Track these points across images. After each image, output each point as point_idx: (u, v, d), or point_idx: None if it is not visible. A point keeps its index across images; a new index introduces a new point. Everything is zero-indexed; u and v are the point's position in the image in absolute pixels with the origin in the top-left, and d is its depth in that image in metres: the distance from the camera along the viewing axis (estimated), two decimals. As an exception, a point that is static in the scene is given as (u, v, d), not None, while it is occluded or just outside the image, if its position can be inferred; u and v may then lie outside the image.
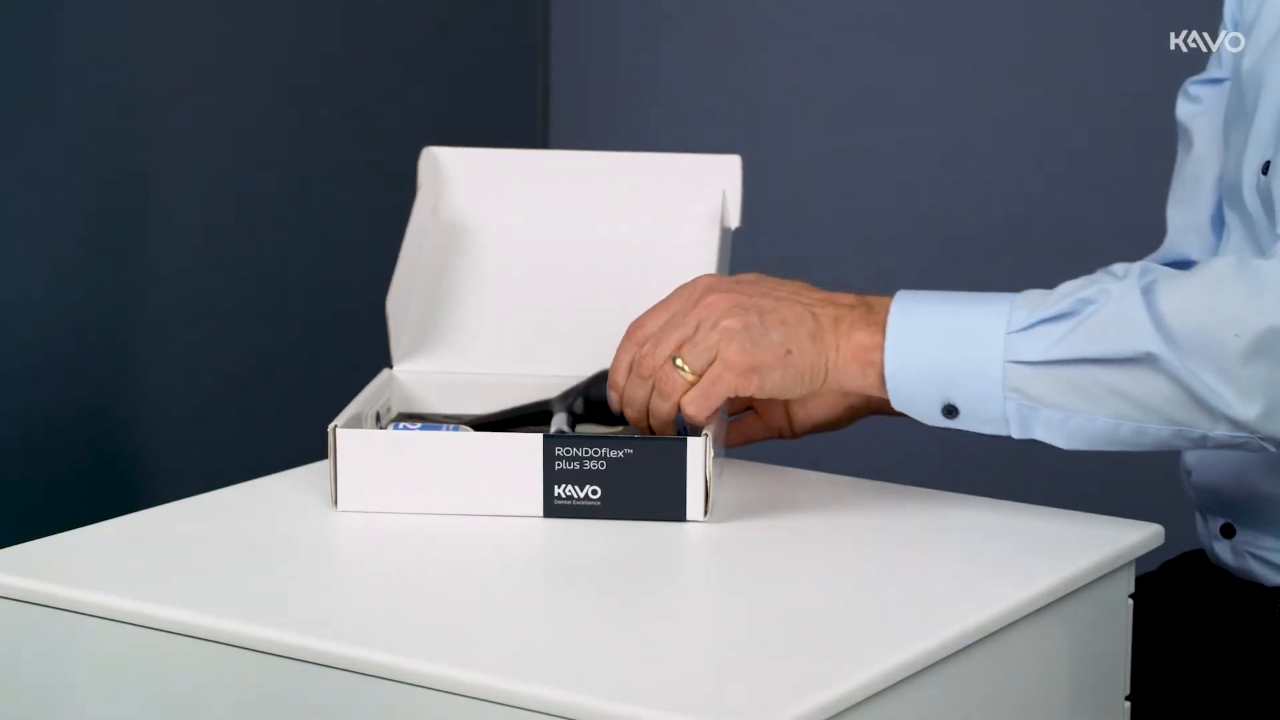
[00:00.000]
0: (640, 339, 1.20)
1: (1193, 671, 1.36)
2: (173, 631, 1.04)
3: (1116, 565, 1.16)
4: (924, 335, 1.17)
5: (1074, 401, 1.15)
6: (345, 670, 0.99)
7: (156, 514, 1.22)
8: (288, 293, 2.10)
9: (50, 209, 1.82)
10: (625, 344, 1.21)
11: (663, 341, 1.19)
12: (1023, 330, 1.15)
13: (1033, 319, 1.16)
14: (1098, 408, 1.15)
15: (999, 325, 1.16)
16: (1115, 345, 1.14)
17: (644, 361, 1.19)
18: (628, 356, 1.21)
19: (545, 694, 0.93)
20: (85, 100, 1.85)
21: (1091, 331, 1.15)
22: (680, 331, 1.18)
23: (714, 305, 1.18)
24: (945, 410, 1.17)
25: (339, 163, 2.17)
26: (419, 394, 1.39)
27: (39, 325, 1.82)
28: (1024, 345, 1.15)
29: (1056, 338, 1.15)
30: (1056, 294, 1.17)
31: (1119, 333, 1.14)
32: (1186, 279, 1.16)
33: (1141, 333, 1.14)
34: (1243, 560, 1.35)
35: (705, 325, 1.17)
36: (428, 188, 1.43)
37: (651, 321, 1.20)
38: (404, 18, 2.27)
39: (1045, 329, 1.15)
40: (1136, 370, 1.14)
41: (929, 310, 1.18)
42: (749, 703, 0.92)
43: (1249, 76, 1.32)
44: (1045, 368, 1.15)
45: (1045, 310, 1.16)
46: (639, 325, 1.21)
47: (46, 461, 1.84)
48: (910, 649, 1.00)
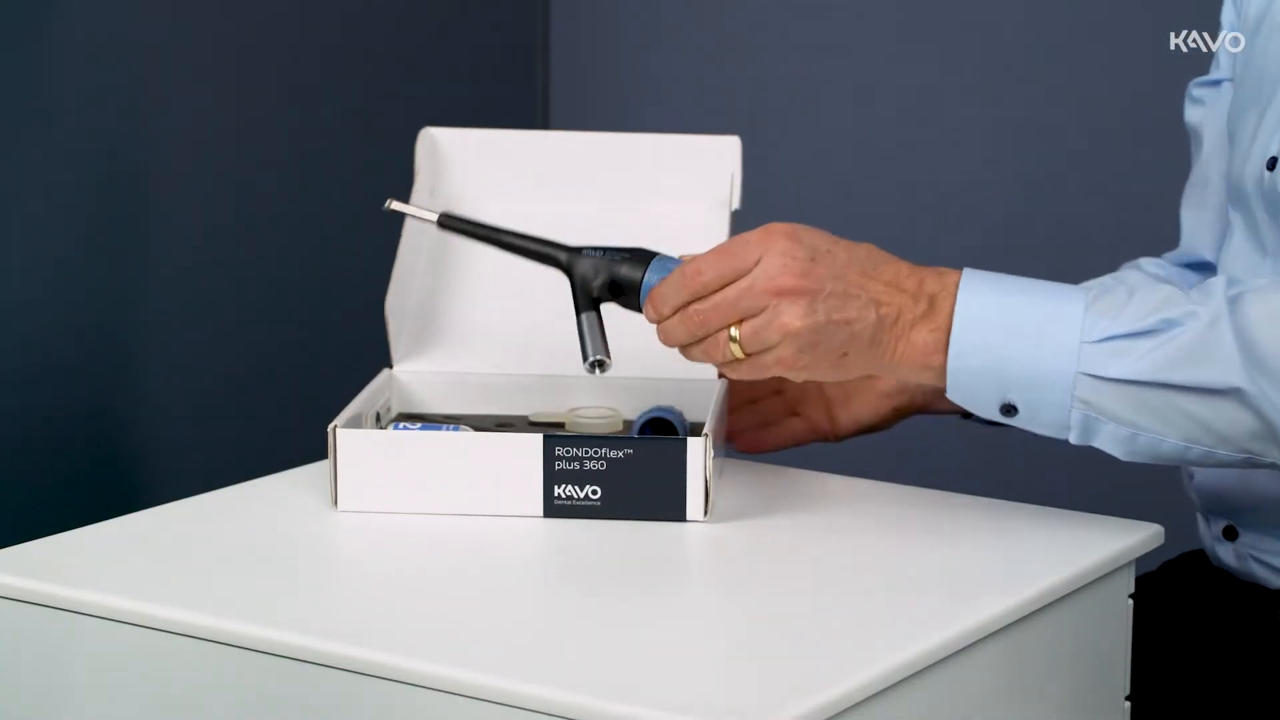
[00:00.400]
0: (696, 287, 1.13)
1: (1193, 672, 1.36)
2: (173, 631, 1.04)
3: (1116, 565, 1.16)
4: (990, 334, 1.12)
5: (1145, 420, 1.12)
6: (345, 670, 0.99)
7: (156, 514, 1.22)
8: (288, 293, 2.10)
9: (50, 209, 1.82)
10: (679, 284, 1.14)
11: (724, 311, 1.12)
12: (1100, 342, 1.11)
13: (1111, 331, 1.11)
14: (1170, 429, 1.12)
15: (1073, 331, 1.12)
16: (1200, 375, 1.11)
17: (696, 318, 1.13)
18: (678, 297, 1.14)
19: (545, 694, 0.93)
20: (85, 100, 1.85)
21: (1175, 356, 1.11)
22: (744, 307, 1.12)
23: (785, 294, 1.11)
24: (1004, 409, 1.14)
25: (339, 162, 2.17)
26: (419, 394, 1.39)
27: (39, 325, 1.82)
28: (1100, 359, 1.11)
29: (1137, 356, 1.11)
30: (1137, 305, 1.12)
31: (1206, 362, 1.11)
32: (1276, 303, 1.12)
33: (1229, 366, 1.10)
34: (1245, 563, 1.35)
35: (771, 316, 1.12)
36: (426, 172, 1.43)
37: (711, 270, 1.13)
38: (403, 16, 2.27)
39: (1124, 344, 1.11)
40: (1219, 401, 1.11)
41: (995, 304, 1.13)
42: (749, 703, 0.92)
43: (1260, 74, 1.32)
44: (1120, 385, 1.11)
45: (1125, 324, 1.12)
46: (697, 271, 1.13)
47: (46, 461, 1.84)
48: (910, 649, 1.00)
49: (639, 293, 1.18)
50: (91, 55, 1.85)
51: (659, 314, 1.15)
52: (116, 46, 1.88)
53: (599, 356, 1.16)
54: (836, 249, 1.14)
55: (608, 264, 1.19)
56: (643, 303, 1.17)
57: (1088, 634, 1.16)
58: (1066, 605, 1.13)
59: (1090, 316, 1.12)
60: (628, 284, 1.18)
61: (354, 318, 1.95)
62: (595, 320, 1.19)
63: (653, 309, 1.16)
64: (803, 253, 1.12)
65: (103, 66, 1.87)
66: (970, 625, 1.04)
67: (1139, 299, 1.13)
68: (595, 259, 1.20)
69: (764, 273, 1.12)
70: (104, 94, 1.87)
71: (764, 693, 0.94)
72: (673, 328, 1.15)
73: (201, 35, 1.98)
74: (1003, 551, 1.16)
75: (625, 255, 1.19)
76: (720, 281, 1.13)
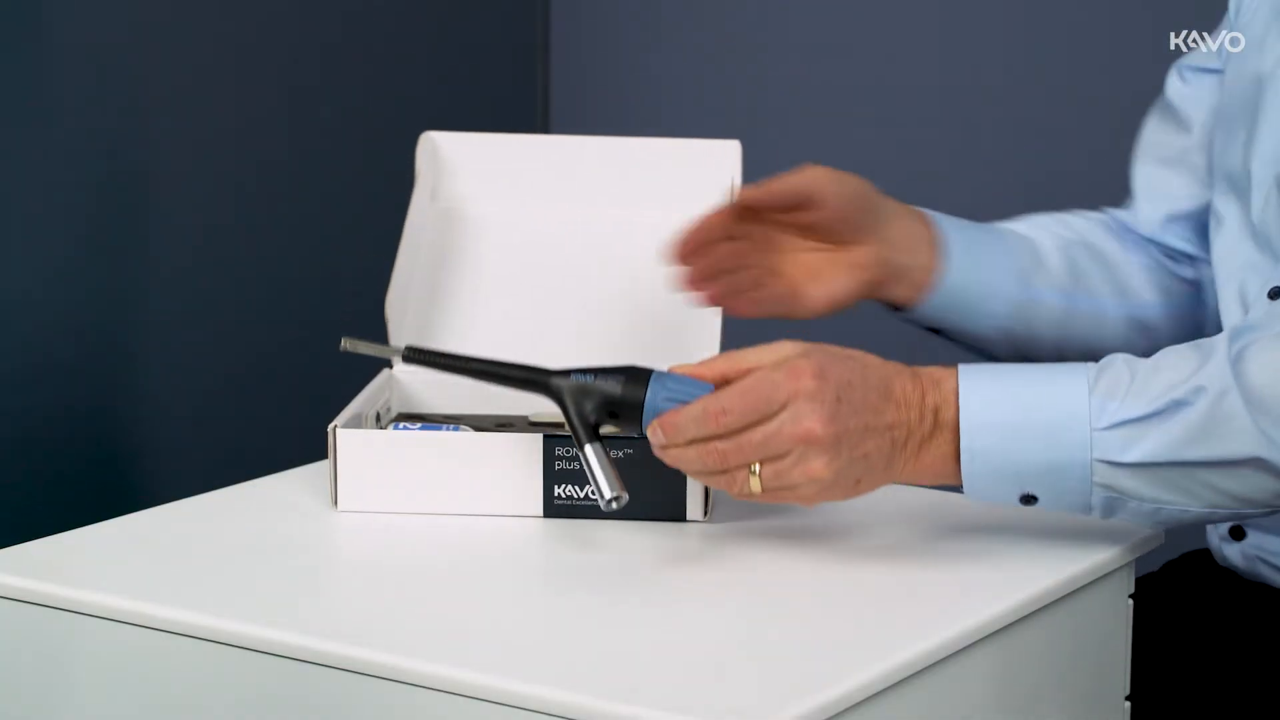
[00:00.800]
0: (718, 427, 1.10)
1: (1194, 671, 1.36)
2: (173, 631, 1.04)
3: (1116, 565, 1.16)
4: (999, 437, 1.11)
5: (1168, 495, 1.12)
6: (345, 670, 0.99)
7: (156, 514, 1.22)
8: (288, 293, 2.10)
9: (50, 209, 1.82)
10: (699, 420, 1.10)
11: (748, 453, 1.09)
12: (1110, 429, 1.10)
13: (1120, 416, 1.10)
14: (1193, 500, 1.12)
15: (1081, 420, 1.11)
16: (1217, 450, 1.10)
17: (717, 455, 1.10)
18: (697, 432, 1.10)
19: (545, 694, 0.93)
20: (85, 100, 1.85)
21: (1189, 435, 1.10)
22: (770, 450, 1.09)
23: (813, 442, 1.09)
24: (1024, 499, 1.13)
25: (339, 163, 2.17)
26: (419, 394, 1.39)
27: (39, 325, 1.82)
28: (1114, 444, 1.10)
29: (1152, 440, 1.10)
30: (1141, 384, 1.11)
31: (1221, 438, 1.10)
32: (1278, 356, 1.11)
33: (1245, 436, 1.10)
34: (1252, 564, 1.35)
35: (797, 460, 1.09)
36: (426, 176, 1.43)
37: (735, 410, 1.09)
38: (404, 18, 2.27)
39: (1136, 429, 1.10)
40: (1240, 470, 1.10)
41: (999, 404, 1.11)
42: (749, 703, 0.92)
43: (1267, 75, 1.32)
44: (1138, 468, 1.11)
45: (1134, 407, 1.10)
46: (722, 411, 1.09)
47: (46, 461, 1.84)
48: (910, 649, 1.00)
49: (640, 414, 1.12)
50: (91, 55, 1.85)
51: (671, 442, 1.11)
52: (117, 47, 1.88)
53: (617, 493, 1.10)
54: (855, 378, 1.11)
55: (600, 386, 1.13)
56: (645, 423, 1.12)
57: (1088, 634, 1.16)
58: (1066, 605, 1.13)
59: (1096, 400, 1.11)
60: (628, 407, 1.12)
61: (354, 318, 1.95)
62: (603, 452, 1.12)
63: (663, 435, 1.11)
64: (830, 394, 1.10)
65: (103, 67, 1.87)
66: (970, 625, 1.04)
67: (1142, 377, 1.12)
68: (583, 381, 1.13)
69: (792, 418, 1.09)
70: (104, 94, 1.87)
71: (764, 693, 0.94)
72: (688, 458, 1.11)
73: (202, 36, 1.98)
74: (1002, 551, 1.16)
75: (616, 374, 1.13)
76: (744, 423, 1.09)
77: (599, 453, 1.12)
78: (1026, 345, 1.39)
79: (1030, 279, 1.38)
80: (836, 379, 1.10)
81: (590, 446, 1.12)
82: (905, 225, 1.35)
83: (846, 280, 1.32)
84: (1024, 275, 1.38)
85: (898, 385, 1.12)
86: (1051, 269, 1.40)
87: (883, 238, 1.33)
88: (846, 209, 1.32)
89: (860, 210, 1.32)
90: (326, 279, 2.14)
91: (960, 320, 1.37)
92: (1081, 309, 1.40)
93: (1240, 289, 1.33)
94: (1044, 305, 1.38)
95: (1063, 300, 1.39)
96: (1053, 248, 1.41)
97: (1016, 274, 1.38)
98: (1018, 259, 1.39)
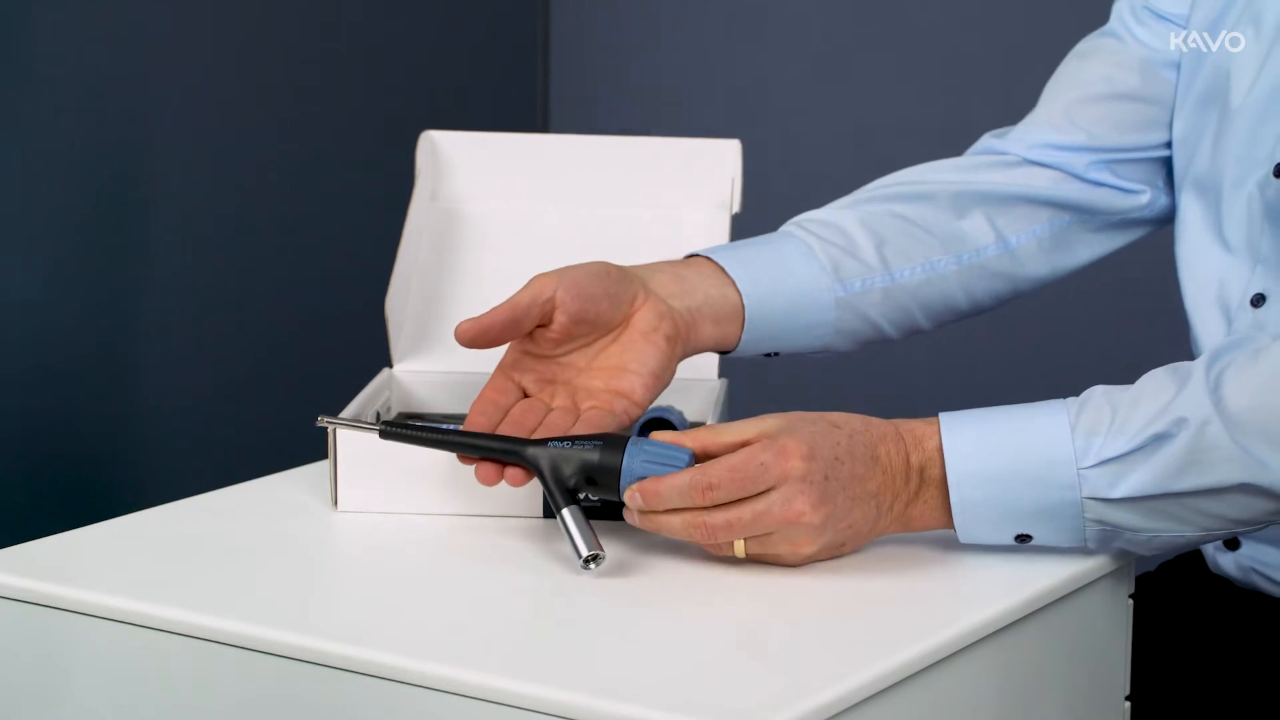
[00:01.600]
0: (704, 501, 1.09)
1: (1193, 672, 1.36)
2: (173, 631, 1.04)
3: (1116, 565, 1.16)
4: (987, 486, 1.11)
5: (1161, 524, 1.12)
6: (345, 670, 0.99)
7: (156, 514, 1.22)
8: (287, 293, 2.11)
9: (50, 209, 1.82)
10: (685, 492, 1.10)
11: (737, 530, 1.09)
12: (1096, 466, 1.10)
13: (1105, 454, 1.10)
14: (1187, 527, 1.12)
15: (1066, 460, 1.10)
16: (1204, 479, 1.10)
17: (705, 529, 1.10)
18: (682, 503, 1.10)
19: (545, 694, 0.93)
20: (84, 100, 1.85)
21: (1175, 467, 1.10)
22: (757, 529, 1.09)
23: (802, 523, 1.09)
24: (1018, 539, 1.13)
25: (339, 163, 2.17)
26: (419, 394, 1.39)
27: (39, 326, 1.82)
28: (1101, 482, 1.10)
29: (1139, 475, 1.10)
30: (1123, 420, 1.11)
31: (1207, 467, 1.09)
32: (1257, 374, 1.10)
33: (1231, 464, 1.09)
34: (1247, 575, 1.35)
35: (785, 537, 1.10)
36: (426, 174, 1.43)
37: (723, 489, 1.09)
38: (404, 18, 2.27)
39: (1122, 466, 1.10)
40: (1229, 495, 1.10)
41: (984, 453, 1.11)
42: (749, 703, 0.92)
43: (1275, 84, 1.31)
44: (1128, 502, 1.11)
45: (1117, 445, 1.10)
46: (710, 487, 1.09)
47: (46, 461, 1.84)
48: (910, 649, 1.00)
49: (616, 481, 1.11)
50: (92, 56, 1.85)
51: (651, 508, 1.10)
52: (117, 47, 1.88)
53: (594, 551, 1.09)
54: (841, 453, 1.11)
55: (576, 453, 1.12)
56: (623, 486, 1.11)
57: (1088, 634, 1.16)
58: (1066, 605, 1.13)
59: (1080, 439, 1.11)
60: (605, 472, 1.12)
61: (354, 318, 1.95)
62: (579, 514, 1.11)
63: (642, 500, 1.10)
64: (818, 474, 1.09)
65: (103, 67, 1.87)
66: (970, 625, 1.04)
67: (1124, 412, 1.11)
68: (560, 449, 1.12)
69: (783, 500, 1.09)
70: (103, 95, 1.87)
71: (764, 693, 0.94)
72: (673, 525, 1.10)
73: (202, 37, 1.98)
74: (1002, 552, 1.15)
75: (593, 441, 1.12)
76: (731, 499, 1.09)
77: (575, 515, 1.11)
78: (872, 333, 1.36)
79: (841, 270, 1.33)
80: (824, 456, 1.10)
81: (567, 510, 1.11)
82: (665, 278, 1.26)
83: (645, 349, 1.22)
84: (835, 270, 1.33)
85: (882, 451, 1.12)
86: (863, 252, 1.35)
87: (649, 293, 1.23)
88: (584, 287, 1.20)
89: (601, 281, 1.21)
90: (326, 278, 2.15)
91: (786, 343, 1.33)
92: (905, 280, 1.36)
93: (1219, 297, 1.33)
94: (868, 293, 1.34)
95: (883, 280, 1.35)
96: (858, 224, 1.36)
97: (822, 275, 1.33)
98: (818, 259, 1.33)
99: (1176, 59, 1.39)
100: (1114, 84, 1.40)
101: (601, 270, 1.21)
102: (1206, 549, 1.38)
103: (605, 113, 2.52)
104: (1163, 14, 1.40)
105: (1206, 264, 1.34)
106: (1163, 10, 1.40)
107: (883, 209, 1.38)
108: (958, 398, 1.26)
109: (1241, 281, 1.31)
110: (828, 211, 1.38)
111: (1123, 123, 1.40)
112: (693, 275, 1.27)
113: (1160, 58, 1.40)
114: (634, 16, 2.51)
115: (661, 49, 2.50)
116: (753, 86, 2.43)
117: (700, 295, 1.26)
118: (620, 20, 2.52)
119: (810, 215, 1.38)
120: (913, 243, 1.37)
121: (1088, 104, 1.41)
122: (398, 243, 1.41)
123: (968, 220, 1.40)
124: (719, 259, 1.29)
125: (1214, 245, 1.34)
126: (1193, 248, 1.35)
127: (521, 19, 2.48)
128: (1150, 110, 1.40)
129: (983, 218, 1.40)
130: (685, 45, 2.49)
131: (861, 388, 2.29)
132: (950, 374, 2.41)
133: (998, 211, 1.40)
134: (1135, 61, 1.40)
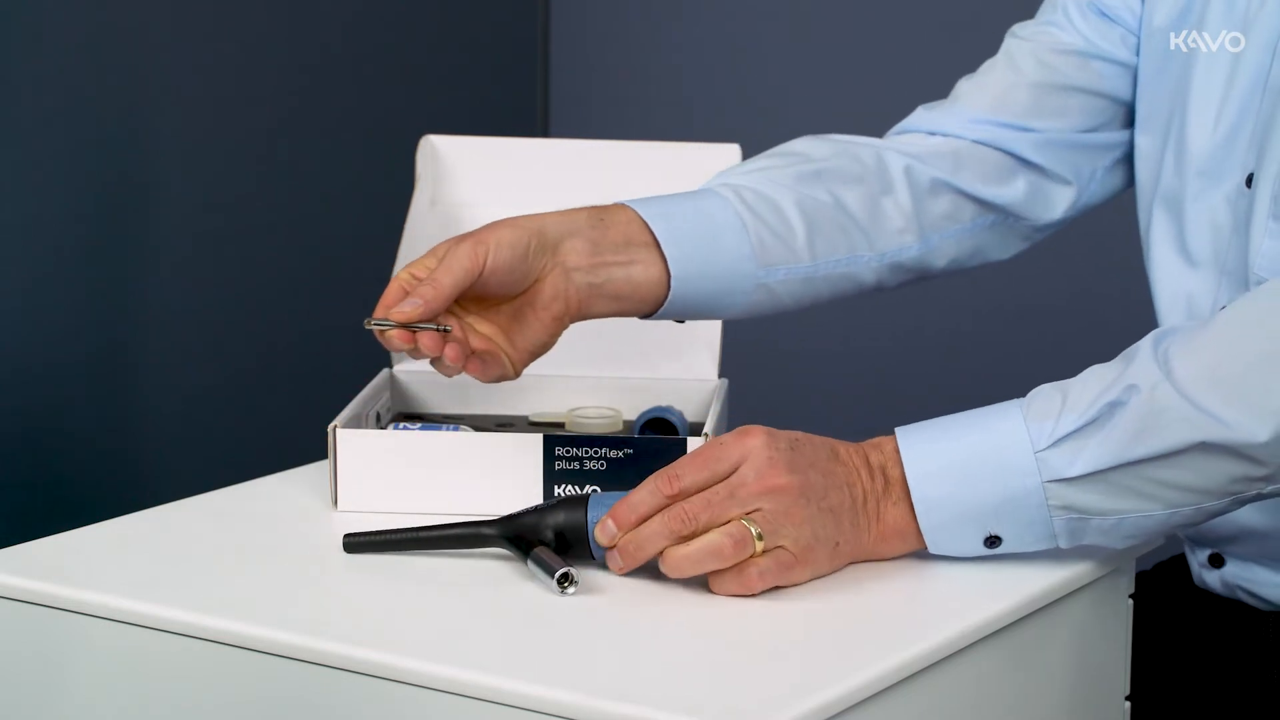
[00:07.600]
0: (674, 492, 1.09)
1: (1191, 672, 1.37)
2: (173, 631, 1.04)
3: (1116, 565, 1.16)
4: (948, 483, 1.11)
5: (1126, 503, 1.10)
6: (345, 670, 0.99)
7: (156, 514, 1.22)
8: (288, 294, 2.11)
9: (50, 209, 1.82)
10: (653, 490, 1.10)
11: (715, 509, 1.08)
12: (1052, 446, 1.10)
13: (1059, 433, 1.10)
14: (1151, 504, 1.11)
15: (1022, 446, 1.10)
16: (1161, 442, 1.09)
17: (681, 515, 1.08)
18: (653, 501, 1.09)
19: (545, 694, 0.93)
20: (85, 101, 1.85)
21: (1130, 434, 1.09)
22: (736, 502, 1.08)
23: (778, 491, 1.08)
24: (988, 542, 1.12)
25: (339, 165, 2.17)
26: (419, 394, 1.39)
27: (39, 325, 1.82)
28: (1059, 462, 1.10)
29: (1094, 447, 1.09)
30: (1075, 399, 1.10)
31: (1161, 429, 1.08)
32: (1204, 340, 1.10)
33: (1184, 423, 1.08)
34: (1232, 592, 1.35)
35: (778, 513, 1.08)
36: (426, 179, 1.43)
37: (689, 475, 1.09)
38: (404, 21, 2.27)
39: (1076, 441, 1.09)
40: (1188, 458, 1.09)
41: (940, 451, 1.11)
42: (749, 703, 0.92)
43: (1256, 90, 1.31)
44: (1088, 479, 1.10)
45: (1070, 421, 1.10)
46: (675, 477, 1.09)
47: (46, 461, 1.84)
48: (910, 649, 1.00)
49: (586, 533, 1.11)
50: (92, 56, 1.85)
51: (626, 523, 1.09)
52: (118, 48, 1.88)
53: (565, 569, 1.08)
54: (800, 438, 1.12)
55: (542, 520, 1.12)
56: (591, 533, 1.10)
57: (1088, 634, 1.16)
58: (1066, 605, 1.13)
59: (1033, 425, 1.10)
60: (573, 529, 1.11)
61: (354, 318, 1.95)
62: (545, 550, 1.11)
63: (615, 523, 1.10)
64: (783, 444, 1.10)
65: (103, 68, 1.87)
66: (970, 625, 1.04)
67: (1075, 394, 1.11)
68: (526, 520, 1.12)
69: (755, 471, 1.08)
70: (103, 95, 1.87)
71: (764, 693, 0.94)
72: (651, 531, 1.09)
73: (202, 38, 1.98)
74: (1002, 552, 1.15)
75: (555, 507, 1.12)
76: (699, 486, 1.09)
77: (542, 551, 1.10)
78: (773, 309, 1.35)
79: (768, 254, 1.31)
80: (784, 437, 1.11)
81: (530, 553, 1.11)
82: (582, 245, 1.24)
83: (532, 323, 1.22)
84: (762, 252, 1.31)
85: (841, 449, 1.13)
86: (795, 240, 1.33)
87: (556, 265, 1.23)
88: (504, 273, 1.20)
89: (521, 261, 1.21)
90: (326, 281, 2.15)
91: (693, 317, 1.31)
92: (827, 271, 1.35)
93: (1189, 311, 1.32)
94: (788, 280, 1.33)
95: (807, 270, 1.34)
96: (794, 207, 1.33)
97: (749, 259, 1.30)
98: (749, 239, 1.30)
99: (1116, 57, 1.40)
100: (1052, 71, 1.41)
101: (523, 246, 1.20)
102: (1192, 565, 1.38)
103: (605, 117, 2.52)
104: (1109, 14, 1.40)
105: (1175, 279, 1.34)
106: (1110, 10, 1.40)
107: (821, 190, 1.36)
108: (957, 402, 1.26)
109: (1210, 295, 1.31)
110: (767, 181, 1.34)
111: (1061, 109, 1.41)
112: (616, 247, 1.25)
113: (1097, 51, 1.40)
114: (635, 21, 2.52)
115: (662, 54, 2.50)
116: (753, 92, 2.43)
117: (613, 272, 1.24)
118: (621, 25, 2.52)
119: (748, 183, 1.33)
120: (841, 235, 1.35)
121: (1026, 89, 1.42)
122: (398, 245, 1.41)
123: (895, 210, 1.38)
124: (658, 232, 1.26)
125: (1178, 260, 1.33)
126: (1160, 265, 1.35)
127: (522, 23, 2.48)
128: (1086, 100, 1.41)
129: (910, 207, 1.39)
130: (686, 50, 2.49)
131: (862, 388, 2.29)
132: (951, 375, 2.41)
133: (928, 202, 1.40)
134: (1072, 50, 1.41)
